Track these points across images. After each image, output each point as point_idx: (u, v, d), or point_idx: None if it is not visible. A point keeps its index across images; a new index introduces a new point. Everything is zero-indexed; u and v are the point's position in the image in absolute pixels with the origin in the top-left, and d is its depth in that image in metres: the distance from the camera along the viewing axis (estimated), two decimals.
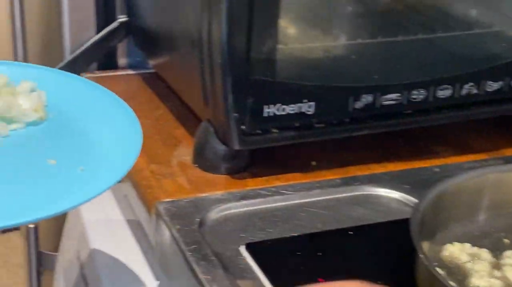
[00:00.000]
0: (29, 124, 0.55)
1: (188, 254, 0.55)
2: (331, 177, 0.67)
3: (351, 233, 0.59)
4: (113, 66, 0.89)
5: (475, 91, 0.70)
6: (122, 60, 0.89)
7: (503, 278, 0.53)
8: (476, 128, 0.76)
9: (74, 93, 0.59)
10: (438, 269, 0.53)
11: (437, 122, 0.71)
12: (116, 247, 0.69)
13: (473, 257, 0.55)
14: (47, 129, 0.55)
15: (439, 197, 0.55)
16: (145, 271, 0.66)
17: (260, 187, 0.65)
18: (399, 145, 0.73)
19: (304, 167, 0.68)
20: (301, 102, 0.65)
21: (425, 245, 0.55)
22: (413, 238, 0.50)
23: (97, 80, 0.86)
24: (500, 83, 0.71)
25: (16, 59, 0.90)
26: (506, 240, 0.57)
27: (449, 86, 0.69)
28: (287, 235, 0.59)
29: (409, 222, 0.52)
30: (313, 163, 0.69)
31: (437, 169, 0.69)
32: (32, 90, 0.57)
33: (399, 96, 0.68)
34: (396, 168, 0.69)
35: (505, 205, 0.58)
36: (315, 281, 0.53)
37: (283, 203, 0.63)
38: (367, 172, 0.68)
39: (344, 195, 0.65)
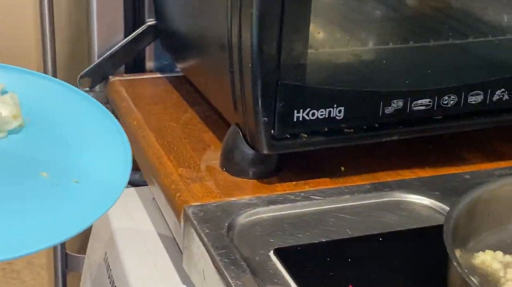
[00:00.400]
0: (10, 132, 0.53)
1: (217, 258, 0.55)
2: (360, 183, 0.67)
3: (381, 239, 0.59)
4: (141, 69, 0.89)
5: (506, 97, 0.69)
6: (150, 63, 0.90)
7: None
8: (506, 135, 0.75)
9: (45, 94, 0.57)
10: (472, 277, 0.53)
11: (467, 128, 0.70)
12: (144, 250, 0.69)
13: (505, 265, 0.54)
14: (30, 138, 0.53)
15: (472, 205, 0.54)
16: (172, 275, 0.66)
17: (289, 191, 0.65)
18: (429, 151, 0.73)
19: (333, 173, 0.68)
20: (331, 107, 0.65)
21: (457, 253, 0.54)
22: (447, 246, 0.49)
23: (125, 83, 0.87)
24: None
25: (45, 63, 0.90)
26: None
27: (480, 92, 0.69)
28: (316, 241, 0.59)
29: (441, 229, 0.51)
30: (342, 168, 0.69)
31: (467, 176, 0.68)
32: (3, 92, 0.55)
33: (430, 102, 0.68)
34: (426, 174, 0.69)
35: None
36: None
37: (312, 209, 0.63)
38: (396, 178, 0.68)
39: (373, 201, 0.65)
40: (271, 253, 0.56)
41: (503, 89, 0.69)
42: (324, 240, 0.59)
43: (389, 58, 0.69)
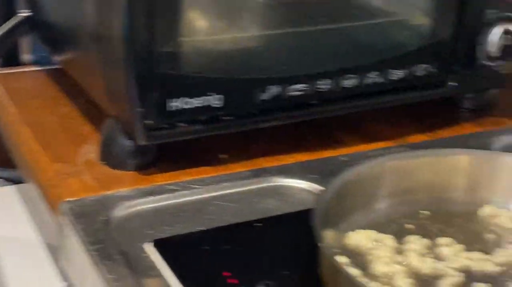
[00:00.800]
0: None
1: (93, 253, 0.54)
2: (240, 170, 0.67)
3: (260, 225, 0.59)
4: (18, 62, 0.86)
5: (380, 80, 0.71)
6: (27, 56, 0.87)
7: (406, 263, 0.54)
8: (382, 117, 0.77)
9: None
10: (342, 257, 0.54)
11: (343, 112, 0.71)
12: (22, 250, 0.67)
13: (378, 243, 0.56)
14: None
15: (342, 186, 0.55)
16: (53, 273, 0.64)
17: (169, 182, 0.64)
18: (308, 135, 0.74)
19: (213, 161, 0.68)
20: (208, 95, 0.65)
21: (330, 234, 0.55)
22: (314, 228, 0.50)
23: (0, 77, 0.83)
24: (404, 71, 0.72)
25: None
26: (408, 226, 0.58)
27: (354, 76, 0.70)
28: (195, 230, 0.58)
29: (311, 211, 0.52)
30: (223, 156, 0.69)
31: (344, 158, 0.69)
32: None
33: (306, 87, 0.69)
34: (304, 158, 0.70)
35: (406, 191, 0.59)
36: (220, 275, 0.52)
37: (192, 198, 0.63)
38: (276, 163, 0.69)
39: (253, 187, 0.65)
40: (149, 245, 0.56)
41: (376, 72, 0.71)
42: (203, 229, 0.59)
43: (265, 44, 0.70)
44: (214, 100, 0.65)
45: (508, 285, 0.51)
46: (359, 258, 0.55)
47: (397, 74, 0.72)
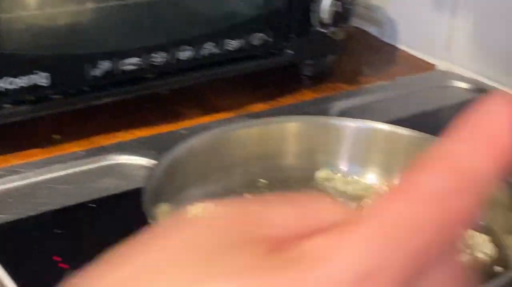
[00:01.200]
0: None
1: None
2: (76, 150, 0.64)
3: (94, 206, 0.57)
4: None
5: (216, 50, 0.70)
6: None
7: None
8: (223, 87, 0.77)
9: None
10: None
11: (181, 85, 0.70)
12: None
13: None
14: None
15: (174, 161, 0.54)
16: None
17: None
18: (147, 110, 0.72)
19: (45, 142, 0.65)
20: (34, 74, 0.61)
21: (166, 209, 0.54)
22: (145, 204, 0.49)
23: None
24: (240, 41, 0.72)
25: None
26: (247, 195, 0.58)
27: (189, 47, 0.69)
28: (25, 216, 0.56)
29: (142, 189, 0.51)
30: (56, 137, 0.66)
31: (184, 131, 0.68)
32: None
33: (139, 61, 0.67)
34: (144, 134, 0.68)
35: (241, 161, 0.59)
36: (50, 260, 0.50)
37: (21, 183, 0.59)
38: (113, 141, 0.66)
39: (89, 167, 0.63)
40: None
41: (211, 43, 0.70)
42: (33, 214, 0.56)
43: (93, 19, 0.67)
44: (41, 79, 0.62)
45: None
46: None
47: (232, 44, 0.71)
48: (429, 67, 0.88)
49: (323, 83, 0.81)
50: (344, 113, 0.73)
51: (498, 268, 0.52)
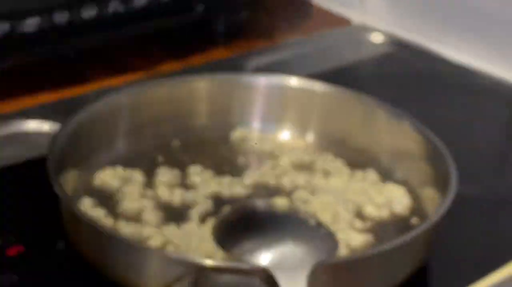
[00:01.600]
0: None
1: None
2: None
3: None
4: None
5: (121, 8, 0.67)
6: None
7: (155, 197, 0.52)
8: (133, 47, 0.74)
9: None
10: (87, 199, 0.51)
11: (85, 45, 0.67)
12: None
13: (126, 180, 0.53)
14: None
15: (78, 126, 0.51)
16: None
17: None
18: (52, 74, 0.68)
19: None
20: None
21: (74, 176, 0.52)
22: (49, 172, 0.46)
23: None
24: None
25: None
26: (159, 158, 0.56)
27: (93, 6, 0.65)
28: None
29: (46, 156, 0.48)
30: None
31: (92, 95, 0.65)
32: None
33: (40, 21, 0.63)
34: (49, 99, 0.65)
35: (152, 123, 0.57)
36: None
37: None
38: (17, 108, 0.63)
39: None
40: None
41: (116, 1, 0.67)
42: None
43: None
44: None
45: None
46: (107, 198, 0.51)
47: (139, 1, 0.68)
48: (345, 21, 0.88)
49: (237, 41, 0.78)
50: (259, 70, 0.71)
51: (414, 220, 0.52)
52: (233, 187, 0.53)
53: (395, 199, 0.53)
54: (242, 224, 0.46)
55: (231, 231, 0.45)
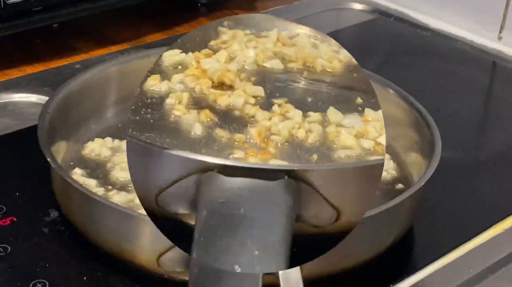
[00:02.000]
0: None
1: None
2: None
3: None
4: None
5: None
6: None
7: None
8: (118, 18, 0.74)
9: None
10: (78, 169, 0.51)
11: (71, 17, 0.67)
12: None
13: (114, 150, 0.54)
14: None
15: (66, 97, 0.52)
16: None
17: None
18: (37, 45, 0.68)
19: None
20: None
21: (64, 146, 0.52)
22: (41, 143, 0.47)
23: None
24: None
25: None
26: None
27: None
28: None
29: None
30: None
31: (78, 66, 0.65)
32: None
33: None
34: (35, 70, 0.65)
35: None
36: None
37: None
38: (3, 79, 0.63)
39: None
40: None
41: None
42: None
43: None
44: None
45: None
46: (98, 168, 0.52)
47: None
48: None
49: (220, 11, 0.79)
50: None
51: (399, 186, 0.53)
52: None
53: None
54: None
55: None
